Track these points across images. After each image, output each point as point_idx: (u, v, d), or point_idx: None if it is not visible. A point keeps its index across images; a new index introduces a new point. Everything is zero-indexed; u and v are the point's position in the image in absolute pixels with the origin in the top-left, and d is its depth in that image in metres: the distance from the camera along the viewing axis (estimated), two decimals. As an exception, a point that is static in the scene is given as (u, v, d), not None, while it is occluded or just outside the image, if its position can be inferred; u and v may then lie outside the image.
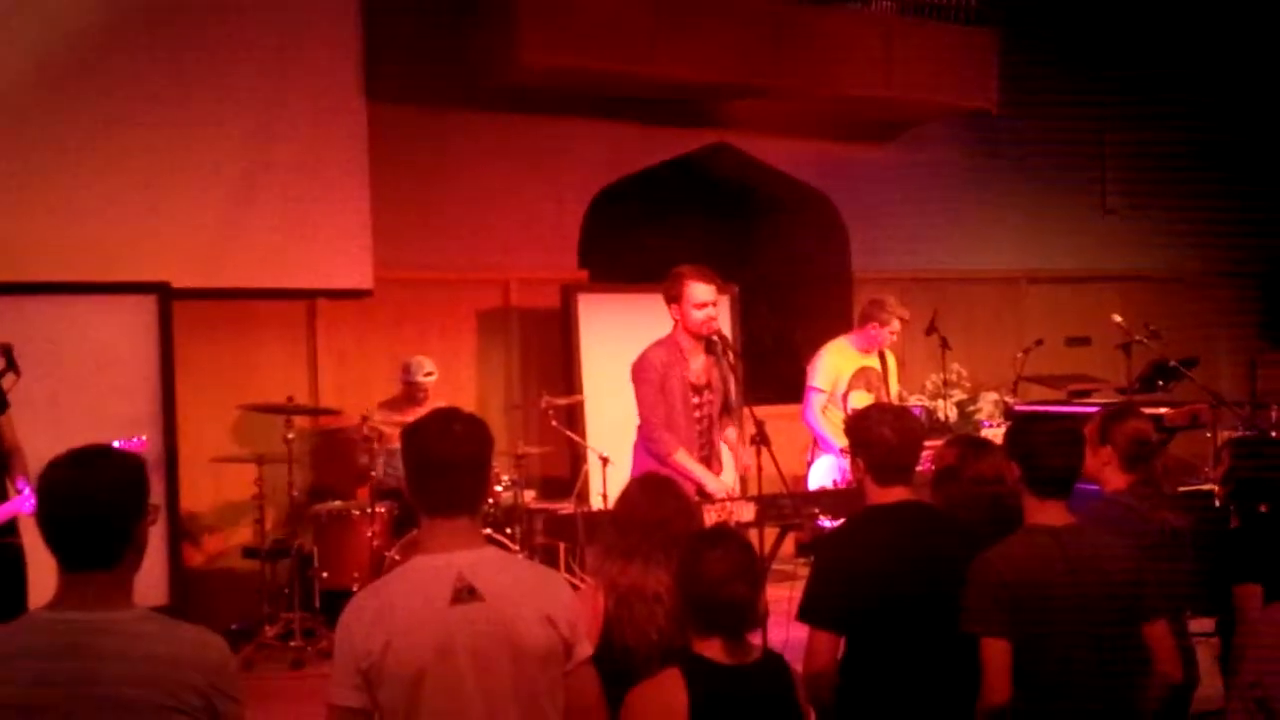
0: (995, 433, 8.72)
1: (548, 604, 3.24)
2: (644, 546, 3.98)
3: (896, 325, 8.16)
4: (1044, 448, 4.00)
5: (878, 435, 4.13)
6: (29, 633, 2.85)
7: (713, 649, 3.48)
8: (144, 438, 6.81)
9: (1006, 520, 4.43)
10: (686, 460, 6.44)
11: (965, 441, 4.86)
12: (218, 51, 8.55)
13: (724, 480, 6.63)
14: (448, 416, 3.32)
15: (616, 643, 3.86)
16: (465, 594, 3.11)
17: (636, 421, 6.68)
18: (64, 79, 8.09)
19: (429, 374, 8.72)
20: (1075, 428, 4.23)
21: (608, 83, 9.67)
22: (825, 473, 7.87)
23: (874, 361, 8.19)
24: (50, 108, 8.06)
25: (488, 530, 7.65)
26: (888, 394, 8.20)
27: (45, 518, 2.87)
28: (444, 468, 3.22)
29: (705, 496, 6.35)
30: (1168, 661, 3.95)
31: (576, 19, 9.25)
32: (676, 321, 6.60)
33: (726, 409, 6.71)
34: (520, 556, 3.77)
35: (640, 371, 6.58)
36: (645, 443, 6.61)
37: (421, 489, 3.27)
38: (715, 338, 6.57)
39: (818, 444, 8.16)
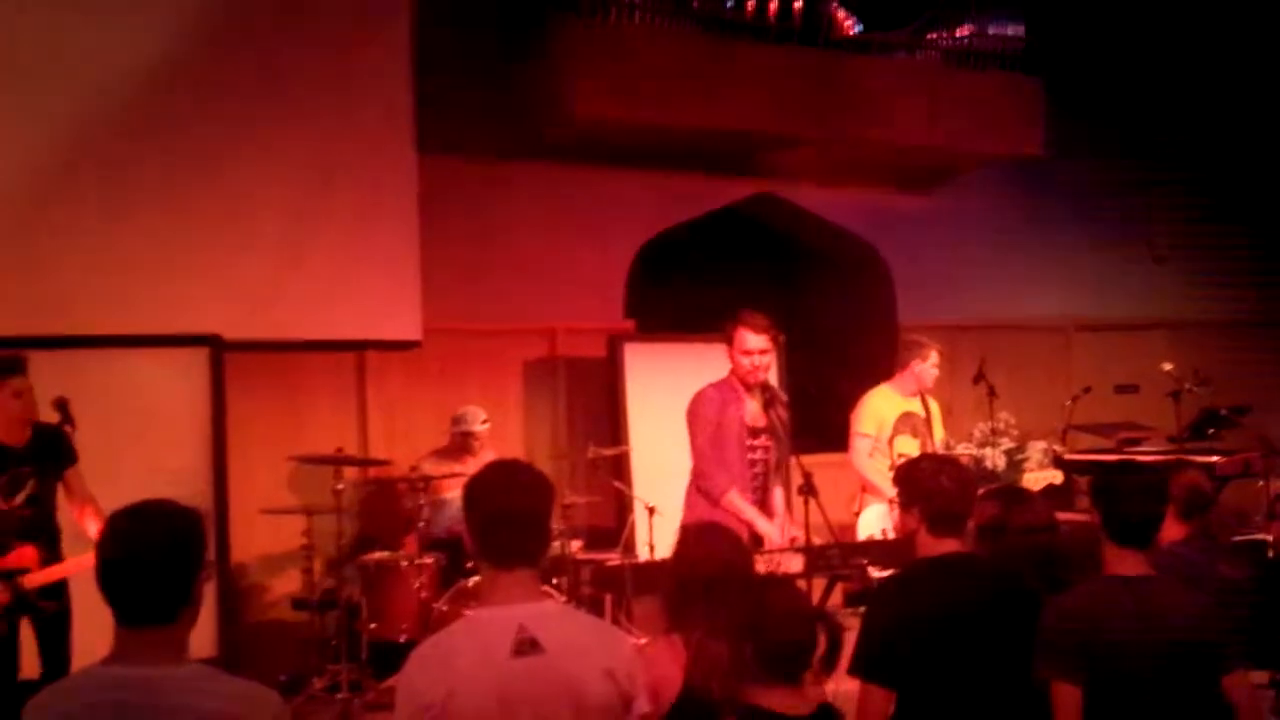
0: (1035, 476, 8.66)
1: (608, 658, 3.24)
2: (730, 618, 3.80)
3: (935, 359, 8.12)
4: (1126, 497, 4.00)
5: (937, 485, 4.11)
6: (88, 689, 2.86)
7: (771, 698, 3.45)
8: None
9: (1060, 567, 4.43)
10: (739, 502, 6.42)
11: (1003, 494, 4.86)
12: (269, 104, 8.61)
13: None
14: (512, 469, 3.35)
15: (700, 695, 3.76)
16: (527, 646, 3.12)
17: (688, 465, 6.67)
18: (118, 134, 8.16)
19: (485, 422, 8.72)
20: (1158, 480, 4.22)
21: (655, 134, 9.70)
22: (874, 522, 7.81)
23: (917, 406, 8.15)
24: (103, 162, 8.12)
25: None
26: (932, 440, 8.15)
27: (104, 572, 2.88)
28: (508, 520, 3.24)
29: (757, 542, 6.32)
30: (1251, 712, 3.90)
31: (626, 71, 9.30)
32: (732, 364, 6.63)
33: (778, 465, 6.67)
34: (580, 610, 3.78)
35: (695, 409, 6.60)
36: (696, 481, 6.59)
37: (485, 541, 3.27)
38: (765, 390, 6.57)
39: (865, 491, 8.11)
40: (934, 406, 8.26)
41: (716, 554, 4.03)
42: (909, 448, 7.89)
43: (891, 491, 6.98)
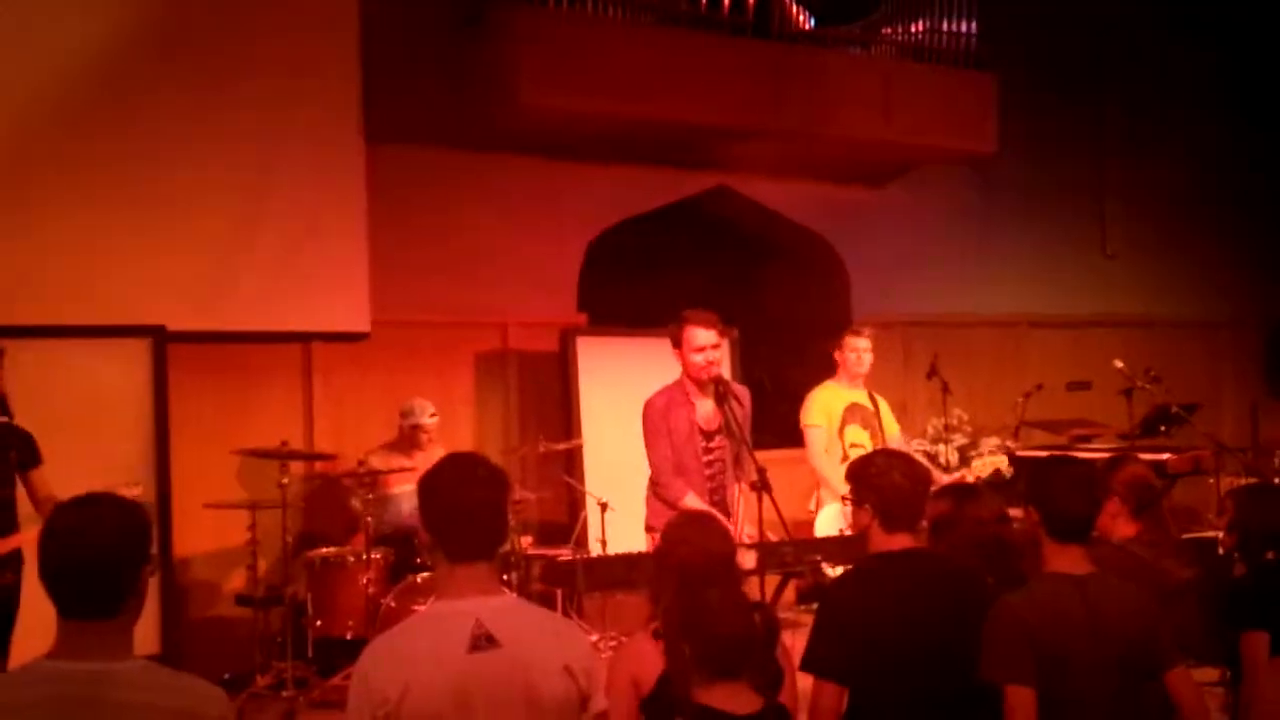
0: (983, 461, 8.67)
1: (566, 654, 3.21)
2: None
3: (857, 344, 8.11)
4: (1063, 492, 3.95)
5: (889, 481, 4.08)
6: (31, 683, 2.81)
7: (716, 697, 3.40)
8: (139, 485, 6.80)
9: (1012, 557, 4.42)
10: (696, 504, 6.35)
11: (953, 490, 4.85)
12: (215, 92, 8.49)
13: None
14: (468, 462, 3.32)
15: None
16: (484, 641, 3.09)
17: (643, 464, 6.63)
18: (59, 120, 8.03)
19: (433, 415, 8.64)
20: (1094, 473, 4.17)
21: (607, 125, 9.64)
22: (832, 520, 7.77)
23: (864, 399, 8.14)
24: (45, 150, 7.99)
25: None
26: (882, 432, 8.13)
27: (47, 565, 2.83)
28: (464, 514, 3.21)
29: None
30: (1195, 708, 3.87)
31: (576, 61, 9.23)
32: (683, 366, 6.57)
33: (737, 461, 6.62)
34: (538, 605, 3.73)
35: (645, 417, 6.56)
36: (654, 489, 6.55)
37: (441, 535, 3.24)
38: (719, 384, 6.52)
39: (822, 488, 8.07)
40: (882, 402, 8.25)
41: (695, 542, 3.99)
42: (859, 438, 7.91)
43: (844, 489, 6.96)
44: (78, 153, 8.09)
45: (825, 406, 8.07)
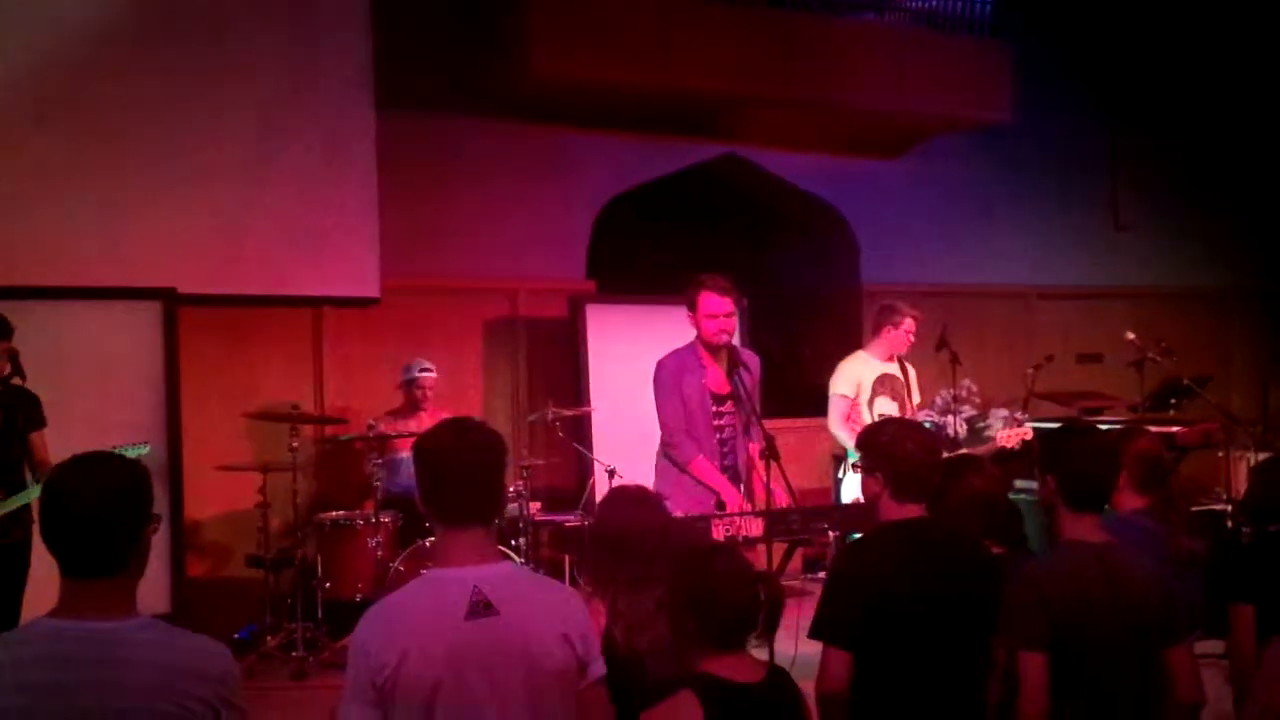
0: (1009, 433, 8.65)
1: (564, 621, 3.19)
2: (646, 571, 3.89)
3: (909, 325, 8.09)
4: (1080, 461, 3.93)
5: (902, 449, 4.04)
6: (33, 641, 2.81)
7: (722, 666, 3.41)
8: (147, 444, 6.82)
9: (1013, 523, 4.43)
10: (705, 468, 6.37)
11: (952, 460, 4.81)
12: (227, 58, 8.50)
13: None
14: (463, 426, 3.28)
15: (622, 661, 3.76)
16: (481, 608, 3.06)
17: (652, 428, 6.63)
18: (70, 83, 8.03)
19: (425, 370, 8.68)
20: (1112, 442, 4.16)
21: (618, 92, 9.61)
22: (858, 487, 7.76)
23: (895, 370, 8.13)
24: (57, 112, 8.00)
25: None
26: (910, 403, 8.13)
27: (49, 523, 2.83)
28: (460, 478, 3.18)
29: (721, 507, 6.29)
30: (1189, 686, 3.86)
31: (587, 28, 9.20)
32: (696, 330, 6.58)
33: (748, 428, 6.61)
34: (537, 572, 3.78)
35: (656, 378, 6.57)
36: (664, 448, 6.56)
37: (436, 500, 3.21)
38: (729, 352, 6.52)
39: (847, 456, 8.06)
40: (911, 371, 8.25)
41: (624, 514, 4.06)
42: (889, 409, 7.89)
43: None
44: (88, 118, 8.10)
45: (854, 377, 8.05)
